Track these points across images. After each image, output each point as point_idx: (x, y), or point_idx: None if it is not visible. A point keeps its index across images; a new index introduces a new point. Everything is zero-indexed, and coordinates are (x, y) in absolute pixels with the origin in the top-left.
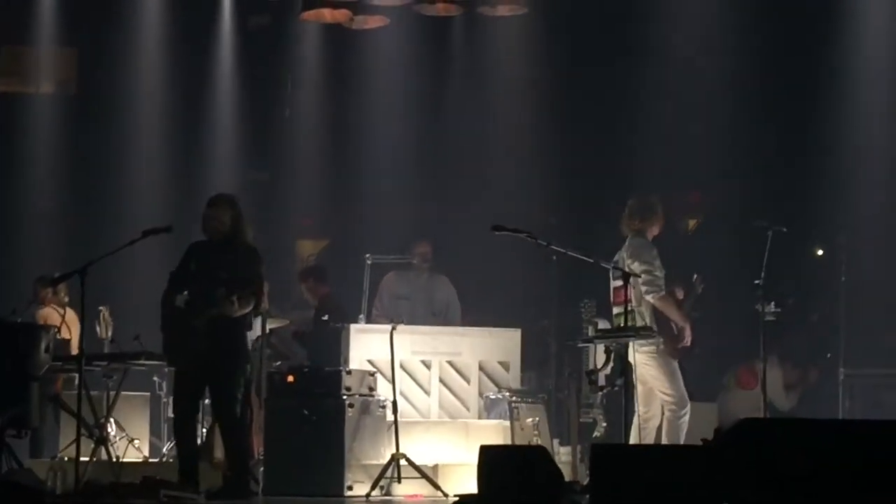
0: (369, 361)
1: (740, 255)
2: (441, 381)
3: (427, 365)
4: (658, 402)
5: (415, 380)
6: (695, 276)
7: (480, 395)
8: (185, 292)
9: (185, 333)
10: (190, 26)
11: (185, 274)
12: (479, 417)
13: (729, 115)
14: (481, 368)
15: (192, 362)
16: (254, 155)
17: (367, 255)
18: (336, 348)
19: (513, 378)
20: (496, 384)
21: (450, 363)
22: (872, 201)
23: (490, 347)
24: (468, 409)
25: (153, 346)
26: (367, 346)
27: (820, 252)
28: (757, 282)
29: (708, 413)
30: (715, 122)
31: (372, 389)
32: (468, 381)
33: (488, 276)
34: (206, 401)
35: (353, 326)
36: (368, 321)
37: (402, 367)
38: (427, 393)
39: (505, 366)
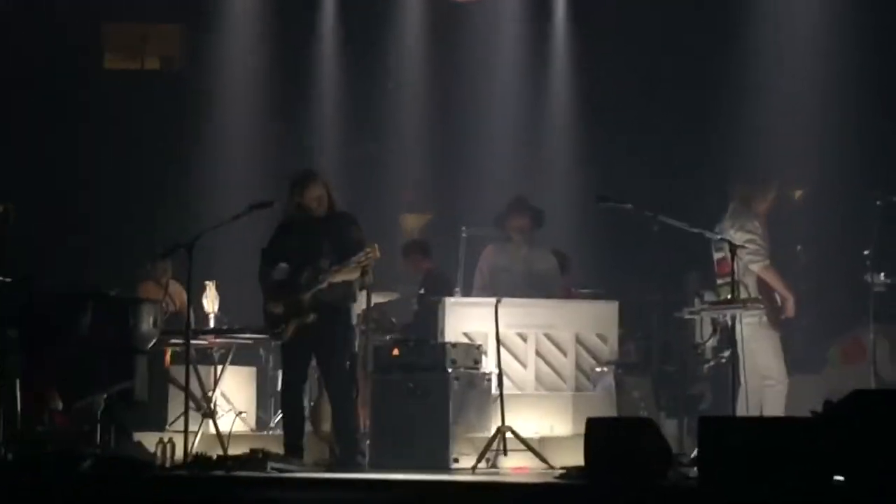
0: (465, 334)
1: (852, 226)
2: (537, 353)
3: (523, 338)
4: (760, 375)
5: (511, 353)
6: (798, 246)
7: (577, 367)
8: (284, 265)
9: (290, 307)
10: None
11: (280, 250)
12: (576, 390)
13: (838, 80)
14: (578, 341)
15: (298, 335)
16: (358, 128)
17: (463, 228)
18: (435, 322)
19: (610, 351)
20: (593, 357)
21: (546, 336)
22: None
23: (587, 320)
24: (565, 382)
25: (258, 320)
26: (462, 319)
27: None
28: (867, 252)
29: (815, 385)
30: (824, 87)
31: (477, 362)
32: (565, 354)
33: (590, 247)
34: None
35: (448, 300)
36: (465, 294)
37: (497, 339)
38: (524, 366)
39: (602, 338)
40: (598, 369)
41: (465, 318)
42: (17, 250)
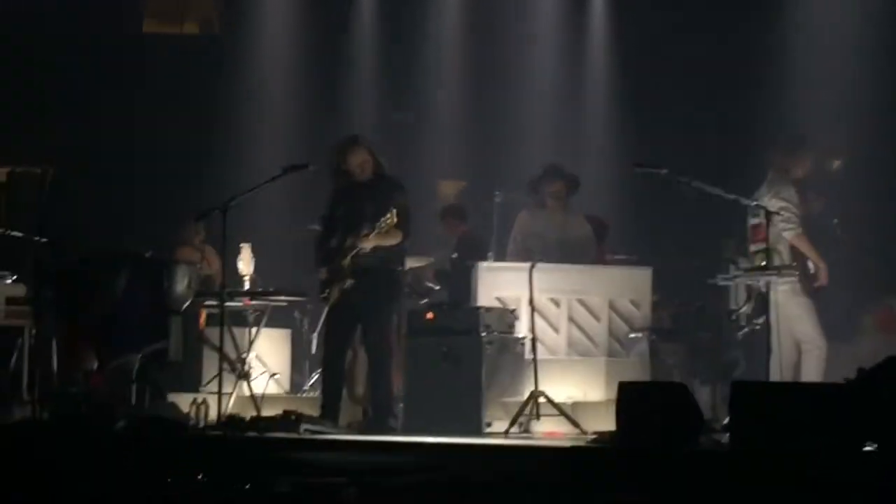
0: (498, 299)
1: (888, 196)
2: (570, 319)
3: (556, 303)
4: (795, 341)
5: (544, 318)
6: (834, 220)
7: (610, 333)
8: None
9: (332, 272)
10: None
11: (332, 217)
12: (609, 356)
13: (876, 50)
14: (611, 307)
15: (341, 300)
16: (395, 94)
17: (496, 193)
18: (469, 286)
19: (643, 317)
20: (626, 323)
21: (579, 301)
22: None
23: (620, 286)
24: (597, 348)
25: (293, 282)
26: (496, 283)
27: None
28: None
29: (849, 352)
30: (861, 58)
31: (511, 327)
32: (598, 320)
33: (627, 213)
34: None
35: (481, 264)
36: (498, 259)
37: (531, 304)
38: (556, 331)
39: (635, 304)
40: (633, 335)
41: (498, 283)
42: (56, 211)
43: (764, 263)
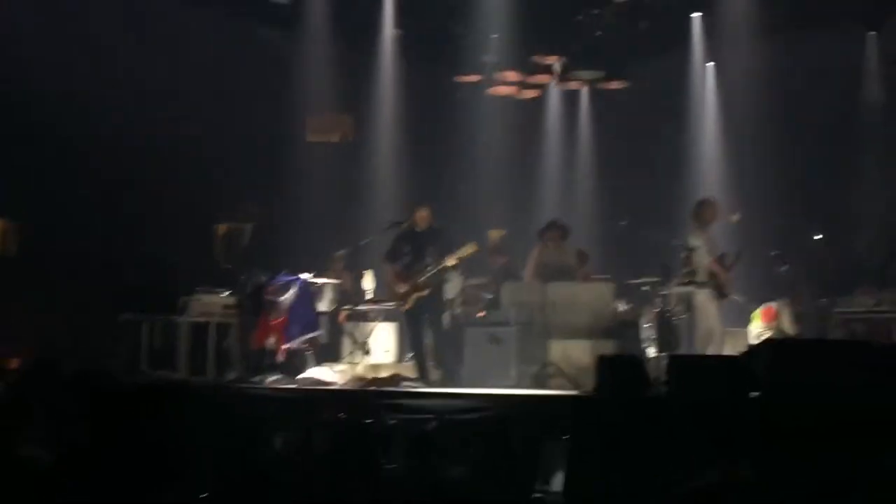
0: (518, 303)
1: (770, 234)
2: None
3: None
4: (707, 329)
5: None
6: (737, 252)
7: (590, 325)
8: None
9: (413, 286)
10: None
11: (399, 251)
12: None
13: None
14: (589, 308)
15: (416, 304)
16: (460, 169)
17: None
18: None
19: (610, 316)
20: (598, 320)
21: (567, 305)
22: None
23: (594, 295)
24: (581, 334)
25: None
26: (516, 295)
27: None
28: (773, 253)
29: (743, 335)
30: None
31: (530, 320)
32: (580, 317)
33: (604, 246)
34: None
35: (506, 283)
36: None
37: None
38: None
39: (605, 307)
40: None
41: (517, 295)
42: (253, 250)
43: (688, 281)
